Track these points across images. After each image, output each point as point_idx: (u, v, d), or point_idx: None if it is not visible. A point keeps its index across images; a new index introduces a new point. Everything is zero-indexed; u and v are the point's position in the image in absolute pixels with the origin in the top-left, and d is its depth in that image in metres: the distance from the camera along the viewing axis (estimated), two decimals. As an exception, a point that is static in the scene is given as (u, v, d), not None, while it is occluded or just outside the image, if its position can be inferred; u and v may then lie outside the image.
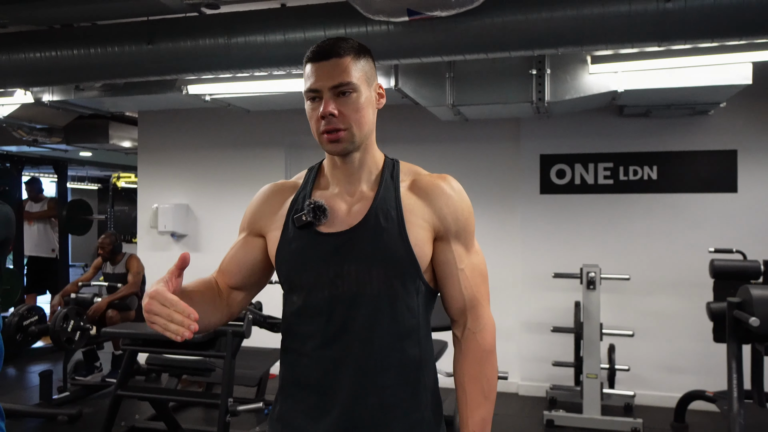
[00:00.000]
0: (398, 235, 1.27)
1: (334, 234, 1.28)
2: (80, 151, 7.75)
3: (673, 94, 4.10)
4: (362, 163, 1.33)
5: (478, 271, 1.34)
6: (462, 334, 1.35)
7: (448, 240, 1.31)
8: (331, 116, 1.25)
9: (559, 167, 5.05)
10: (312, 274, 1.28)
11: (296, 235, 1.31)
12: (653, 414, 4.53)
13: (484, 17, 2.92)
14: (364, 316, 1.25)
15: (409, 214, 1.29)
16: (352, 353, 1.25)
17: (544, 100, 3.98)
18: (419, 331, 1.30)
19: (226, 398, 3.64)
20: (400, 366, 1.27)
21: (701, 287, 4.45)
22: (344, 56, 1.26)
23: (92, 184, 14.86)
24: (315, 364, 1.27)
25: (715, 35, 2.86)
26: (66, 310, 4.51)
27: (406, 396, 1.27)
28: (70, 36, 3.56)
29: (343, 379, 1.25)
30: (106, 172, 12.63)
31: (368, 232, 1.27)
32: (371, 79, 1.32)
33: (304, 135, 5.64)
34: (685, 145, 4.81)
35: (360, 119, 1.28)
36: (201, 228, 5.88)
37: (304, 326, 1.29)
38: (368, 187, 1.33)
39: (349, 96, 1.26)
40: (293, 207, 1.35)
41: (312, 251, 1.29)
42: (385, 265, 1.26)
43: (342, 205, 1.32)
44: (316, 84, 1.26)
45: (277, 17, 3.26)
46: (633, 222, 4.91)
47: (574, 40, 2.94)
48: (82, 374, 5.20)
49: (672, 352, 4.80)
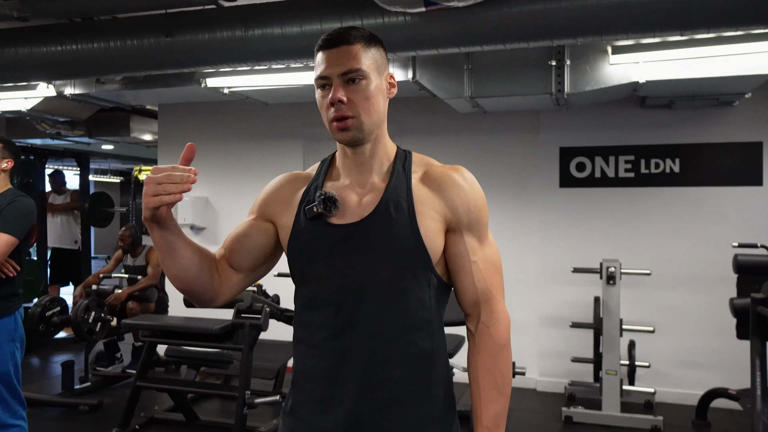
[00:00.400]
0: (409, 226, 1.25)
1: (344, 225, 1.27)
2: (102, 144, 7.84)
3: (697, 84, 4.01)
4: (373, 154, 1.32)
5: (492, 264, 1.32)
6: (476, 328, 1.32)
7: (460, 232, 1.29)
8: (340, 103, 1.24)
9: (579, 160, 4.98)
10: (322, 265, 1.27)
11: (307, 226, 1.30)
12: (674, 411, 4.46)
13: (502, 7, 2.88)
14: (371, 307, 1.24)
15: (421, 206, 1.27)
16: (359, 345, 1.24)
17: (563, 91, 3.92)
18: (431, 323, 1.28)
19: (244, 391, 3.66)
20: (410, 359, 1.25)
21: (724, 282, 4.37)
22: (354, 43, 1.25)
23: (114, 177, 15.06)
24: (324, 355, 1.26)
25: (740, 23, 2.78)
26: (87, 301, 4.56)
27: (417, 389, 1.26)
28: (90, 29, 3.59)
29: (351, 371, 1.24)
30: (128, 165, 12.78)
31: (378, 223, 1.26)
32: (382, 67, 1.30)
33: (322, 127, 5.54)
34: (708, 137, 4.71)
35: (369, 107, 1.26)
36: (220, 220, 5.91)
37: (314, 317, 1.28)
38: (379, 178, 1.32)
39: (359, 83, 1.25)
40: (305, 198, 1.34)
41: (322, 242, 1.28)
42: (394, 257, 1.24)
43: (353, 197, 1.31)
44: (326, 71, 1.25)
45: (294, 9, 3.25)
46: (654, 216, 4.83)
47: (595, 29, 2.88)
48: (103, 365, 5.27)
49: (694, 349, 4.72)
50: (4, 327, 2.83)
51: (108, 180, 14.42)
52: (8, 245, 2.77)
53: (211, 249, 1.31)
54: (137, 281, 5.14)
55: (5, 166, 2.92)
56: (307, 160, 5.70)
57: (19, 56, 3.66)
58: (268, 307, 3.86)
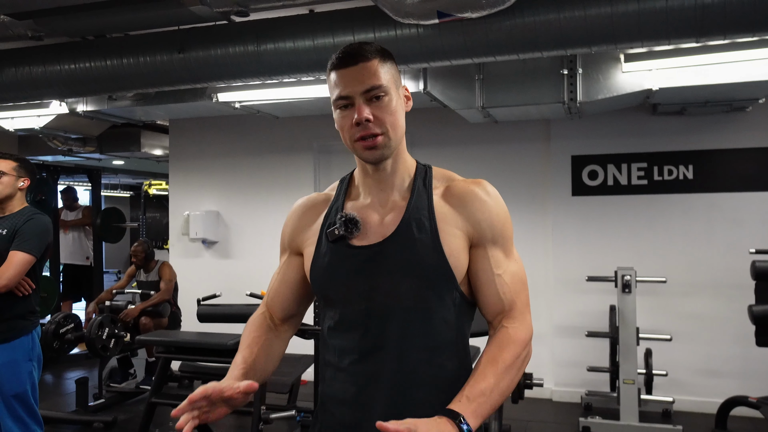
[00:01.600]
0: (432, 245, 1.22)
1: (366, 247, 1.25)
2: (113, 160, 7.87)
3: (709, 90, 3.98)
4: (394, 170, 1.29)
5: (519, 278, 1.28)
6: (495, 330, 1.27)
7: (484, 247, 1.26)
8: (367, 121, 1.20)
9: (591, 168, 4.94)
10: (345, 289, 1.25)
11: (329, 249, 1.27)
12: (693, 420, 4.40)
13: (515, 17, 2.86)
14: (397, 330, 1.21)
15: (443, 224, 1.24)
16: (386, 368, 1.21)
17: (576, 100, 3.90)
18: (456, 344, 1.26)
19: (259, 406, 3.63)
20: (436, 381, 1.22)
21: (741, 289, 4.31)
22: (372, 59, 1.22)
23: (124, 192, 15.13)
24: (351, 379, 1.24)
25: (755, 29, 2.76)
26: (101, 318, 4.55)
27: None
28: (103, 46, 3.61)
29: (377, 395, 1.21)
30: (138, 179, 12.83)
31: (400, 243, 1.23)
32: (398, 81, 1.28)
33: (332, 140, 5.62)
34: (721, 143, 4.67)
35: (394, 122, 1.24)
36: (231, 234, 5.90)
37: (341, 341, 1.26)
38: (400, 196, 1.28)
39: (382, 99, 1.22)
40: (326, 221, 1.31)
41: (345, 265, 1.25)
42: (418, 277, 1.21)
43: (374, 216, 1.28)
44: (347, 90, 1.22)
45: (306, 23, 3.24)
46: (669, 223, 4.78)
47: (609, 38, 2.86)
48: (117, 381, 5.25)
49: (712, 357, 4.66)
50: (22, 346, 2.81)
51: (118, 195, 14.49)
52: (26, 264, 2.76)
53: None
54: (150, 296, 5.13)
55: (21, 184, 2.92)
56: (318, 173, 5.69)
57: (33, 75, 3.67)
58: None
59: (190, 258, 5.99)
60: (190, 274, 5.79)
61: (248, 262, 5.77)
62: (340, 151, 5.67)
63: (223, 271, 5.83)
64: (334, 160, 5.70)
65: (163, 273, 5.28)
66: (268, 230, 5.76)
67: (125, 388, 5.16)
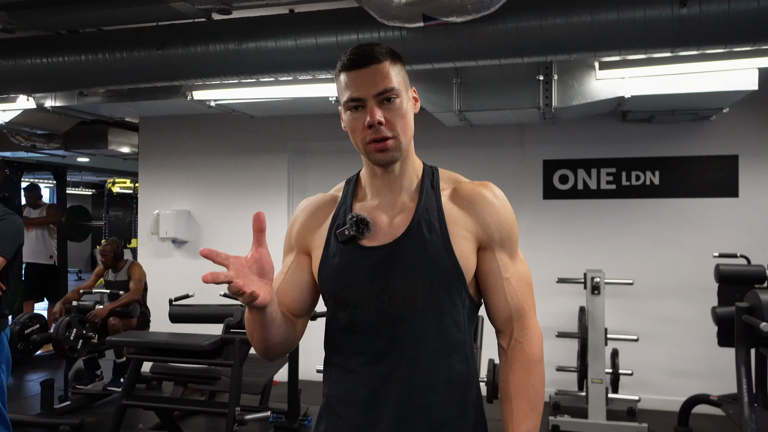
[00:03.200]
0: (443, 246, 1.22)
1: (377, 247, 1.23)
2: (78, 157, 7.65)
3: (679, 99, 4.08)
4: (403, 172, 1.28)
5: (524, 281, 1.29)
6: (508, 344, 1.29)
7: (492, 249, 1.26)
8: (379, 124, 1.19)
9: (562, 172, 5.02)
10: (357, 290, 1.23)
11: (338, 250, 1.25)
12: (657, 418, 4.50)
13: (498, 23, 2.88)
14: (410, 331, 1.20)
15: (453, 225, 1.24)
16: (399, 370, 1.20)
17: (551, 105, 3.95)
18: (465, 346, 1.26)
19: (234, 407, 3.57)
20: (447, 383, 1.22)
21: (704, 291, 4.44)
22: (383, 61, 1.21)
23: (86, 190, 14.73)
24: (362, 380, 1.22)
25: (728, 41, 2.84)
26: (69, 318, 4.41)
27: (454, 414, 1.23)
28: (78, 41, 3.50)
29: (390, 397, 1.20)
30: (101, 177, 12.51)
31: (412, 244, 1.22)
32: (407, 83, 1.27)
33: (307, 140, 5.59)
34: (687, 150, 4.80)
35: (405, 125, 1.23)
36: (203, 234, 5.80)
37: (350, 342, 1.24)
38: (409, 197, 1.28)
39: (393, 102, 1.21)
40: (335, 221, 1.29)
41: (356, 266, 1.23)
42: (431, 278, 1.21)
43: (383, 217, 1.27)
44: (359, 92, 1.20)
45: (289, 23, 3.20)
46: (636, 227, 4.89)
47: (590, 46, 2.91)
48: (83, 383, 5.10)
49: (676, 357, 4.78)
50: (-9, 349, 2.71)
51: (80, 192, 14.10)
52: None
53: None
54: (119, 296, 4.99)
55: (-8, 181, 2.82)
56: (292, 173, 5.63)
57: (3, 68, 3.54)
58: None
59: (159, 258, 5.86)
60: (159, 274, 5.66)
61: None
62: (315, 152, 5.63)
63: (194, 272, 5.71)
64: (308, 161, 5.66)
65: (133, 273, 5.15)
66: (242, 230, 5.68)
67: (92, 390, 5.01)
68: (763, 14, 2.64)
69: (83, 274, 15.02)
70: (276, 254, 1.31)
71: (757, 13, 2.65)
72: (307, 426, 4.38)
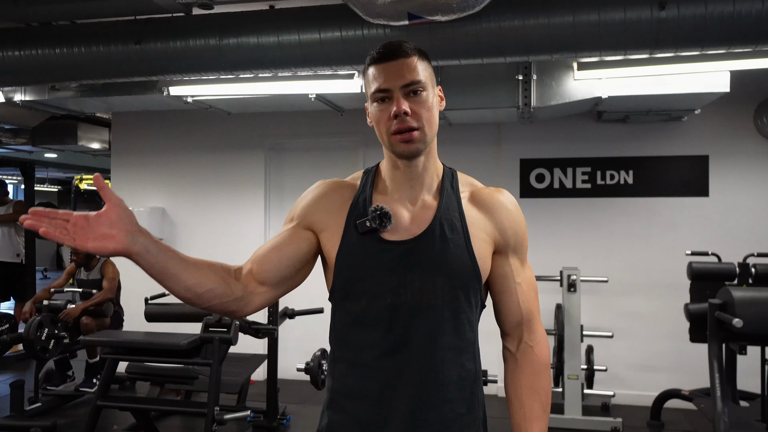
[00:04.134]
0: (464, 247, 1.24)
1: (398, 242, 1.24)
2: (45, 152, 7.47)
3: (654, 100, 4.17)
4: (425, 168, 1.29)
5: (533, 286, 1.34)
6: (517, 347, 1.33)
7: (506, 254, 1.30)
8: (405, 115, 1.20)
9: (538, 171, 5.08)
10: (374, 282, 1.22)
11: (359, 240, 1.25)
12: (631, 412, 4.58)
13: (481, 22, 2.90)
14: (425, 327, 1.21)
15: (473, 227, 1.26)
16: (413, 365, 1.20)
17: (530, 105, 4.00)
18: (475, 345, 1.28)
19: (213, 407, 3.53)
20: (459, 380, 1.23)
21: (676, 288, 4.54)
22: (411, 56, 1.23)
23: (52, 186, 14.40)
24: (373, 375, 1.21)
25: (704, 44, 2.90)
26: (40, 317, 4.30)
27: (463, 411, 1.24)
28: (52, 34, 3.41)
29: (402, 392, 1.20)
30: (68, 174, 12.24)
31: (434, 241, 1.23)
32: (434, 80, 1.29)
33: (284, 138, 5.55)
34: (659, 151, 4.90)
35: (431, 118, 1.24)
36: (178, 232, 5.72)
37: (361, 335, 1.24)
38: (430, 195, 1.29)
39: (420, 94, 1.23)
40: (353, 210, 1.28)
41: (376, 258, 1.23)
42: (451, 277, 1.22)
43: (404, 212, 1.27)
44: (386, 83, 1.22)
45: (271, 19, 3.18)
46: (610, 225, 4.97)
47: (571, 46, 2.95)
48: (54, 384, 4.98)
49: (648, 352, 4.87)
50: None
51: (46, 189, 13.77)
52: None
53: None
54: (92, 295, 4.88)
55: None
56: (269, 170, 5.59)
57: (-28, 61, 3.44)
58: (237, 321, 3.74)
59: (132, 256, 5.75)
60: (132, 273, 5.49)
61: (195, 260, 5.59)
62: (292, 150, 5.59)
63: (168, 270, 5.63)
64: (285, 159, 5.62)
65: (106, 271, 5.04)
66: (217, 228, 5.62)
67: (63, 391, 4.89)
68: (737, 18, 2.72)
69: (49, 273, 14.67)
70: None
71: (732, 17, 2.72)
72: (286, 425, 4.36)
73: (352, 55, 3.14)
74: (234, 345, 3.72)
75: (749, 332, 3.18)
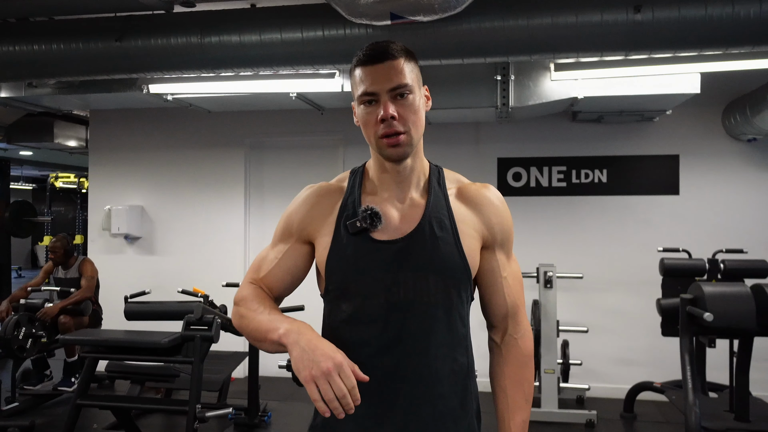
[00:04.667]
0: (454, 244, 1.25)
1: (389, 241, 1.24)
2: (21, 150, 7.31)
3: (627, 101, 4.23)
4: (412, 168, 1.29)
5: (518, 280, 1.35)
6: (502, 339, 1.34)
7: (493, 249, 1.30)
8: (392, 119, 1.20)
9: (515, 170, 5.13)
10: (368, 281, 1.23)
11: (350, 241, 1.25)
12: (605, 405, 4.65)
13: (463, 23, 2.92)
14: (420, 324, 1.22)
15: (461, 224, 1.27)
16: (407, 362, 1.21)
17: (508, 105, 4.03)
18: (467, 339, 1.29)
19: (195, 404, 3.50)
20: (451, 375, 1.24)
21: (649, 284, 4.62)
22: (398, 58, 1.22)
23: (26, 184, 14.10)
24: (369, 372, 1.20)
25: (677, 46, 2.96)
26: (17, 316, 4.22)
27: (456, 405, 1.25)
28: (30, 29, 3.34)
29: (399, 388, 1.21)
30: (43, 171, 12.00)
31: (424, 239, 1.24)
32: (421, 81, 1.29)
33: (264, 136, 5.51)
34: (632, 150, 4.98)
35: (417, 121, 1.24)
36: (156, 230, 5.64)
37: (356, 334, 1.24)
38: (418, 194, 1.29)
39: (407, 98, 1.22)
40: (343, 212, 1.28)
41: (368, 258, 1.23)
42: (443, 274, 1.23)
43: (393, 212, 1.28)
44: (373, 87, 1.21)
45: (253, 18, 3.15)
46: (585, 223, 5.04)
47: (549, 47, 2.98)
48: (32, 383, 4.89)
49: (621, 347, 4.95)
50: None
51: (20, 187, 13.47)
52: None
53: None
54: (70, 294, 4.80)
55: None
56: (249, 169, 5.55)
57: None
58: (219, 318, 3.71)
59: (111, 254, 5.67)
60: (111, 271, 5.48)
61: (175, 258, 5.54)
62: (272, 147, 5.56)
63: (147, 268, 5.56)
64: (266, 157, 5.58)
65: (85, 269, 4.96)
66: (197, 226, 5.56)
67: (41, 390, 4.81)
68: (708, 21, 2.77)
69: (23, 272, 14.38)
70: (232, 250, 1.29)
71: (704, 21, 2.78)
72: (267, 422, 4.33)
73: (335, 54, 3.13)
74: (215, 343, 3.69)
75: (719, 326, 3.25)
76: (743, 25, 2.75)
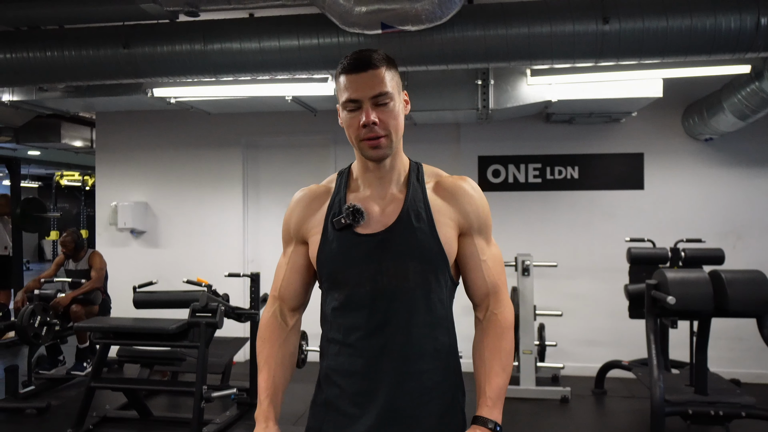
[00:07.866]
0: (430, 233, 1.28)
1: (371, 234, 1.28)
2: (28, 150, 7.25)
3: (596, 104, 4.31)
4: (392, 167, 1.33)
5: (498, 262, 1.37)
6: (484, 315, 1.36)
7: (471, 235, 1.33)
8: (373, 124, 1.24)
9: (494, 167, 5.20)
10: (355, 272, 1.27)
11: (336, 236, 1.30)
12: (577, 383, 4.75)
13: (447, 32, 2.97)
14: (403, 307, 1.26)
15: (438, 214, 1.30)
16: (394, 342, 1.26)
17: (488, 107, 4.09)
18: (447, 319, 1.33)
19: (201, 386, 3.54)
20: (434, 353, 1.29)
21: (616, 271, 4.72)
22: (380, 67, 1.25)
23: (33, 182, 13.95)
24: (360, 353, 1.27)
25: (642, 54, 3.02)
26: (33, 306, 4.22)
27: (440, 379, 1.29)
28: (42, 37, 3.33)
29: (386, 366, 1.26)
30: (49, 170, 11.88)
31: (403, 231, 1.28)
32: (400, 87, 1.32)
33: (260, 136, 5.54)
34: (601, 149, 5.07)
35: (397, 125, 1.28)
36: (160, 225, 5.65)
37: (348, 319, 1.29)
38: (398, 189, 1.33)
39: (387, 105, 1.25)
40: (330, 211, 1.33)
41: (353, 251, 1.28)
42: (421, 261, 1.27)
43: (375, 207, 1.32)
44: (356, 94, 1.24)
45: (253, 26, 3.18)
46: (558, 216, 5.12)
47: (525, 54, 3.03)
48: (46, 368, 4.89)
49: (591, 329, 5.04)
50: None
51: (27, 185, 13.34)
52: None
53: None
54: (80, 285, 4.81)
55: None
56: (246, 167, 5.57)
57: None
58: (222, 306, 3.75)
59: (117, 247, 5.67)
60: (118, 263, 5.48)
61: (177, 250, 5.56)
62: (268, 147, 5.58)
63: (152, 260, 5.57)
64: (262, 156, 5.61)
65: (94, 262, 4.97)
66: (198, 221, 5.58)
67: (55, 374, 4.81)
68: (670, 32, 2.85)
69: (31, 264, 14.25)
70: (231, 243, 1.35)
71: (665, 31, 2.86)
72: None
73: (329, 60, 3.18)
74: (220, 329, 3.73)
75: (680, 308, 3.34)
76: (700, 35, 2.83)
